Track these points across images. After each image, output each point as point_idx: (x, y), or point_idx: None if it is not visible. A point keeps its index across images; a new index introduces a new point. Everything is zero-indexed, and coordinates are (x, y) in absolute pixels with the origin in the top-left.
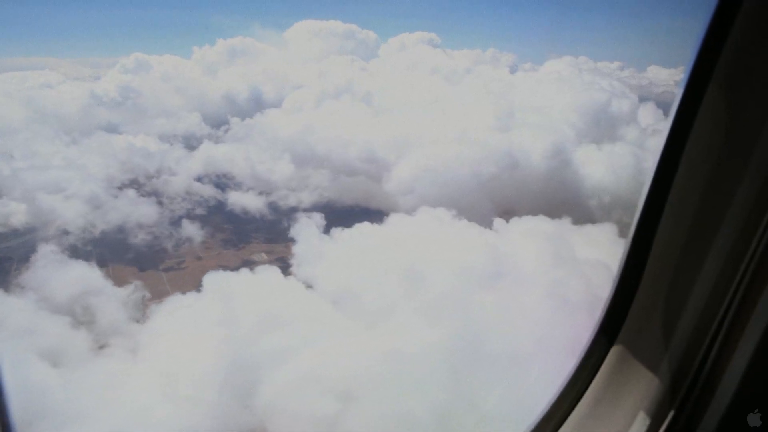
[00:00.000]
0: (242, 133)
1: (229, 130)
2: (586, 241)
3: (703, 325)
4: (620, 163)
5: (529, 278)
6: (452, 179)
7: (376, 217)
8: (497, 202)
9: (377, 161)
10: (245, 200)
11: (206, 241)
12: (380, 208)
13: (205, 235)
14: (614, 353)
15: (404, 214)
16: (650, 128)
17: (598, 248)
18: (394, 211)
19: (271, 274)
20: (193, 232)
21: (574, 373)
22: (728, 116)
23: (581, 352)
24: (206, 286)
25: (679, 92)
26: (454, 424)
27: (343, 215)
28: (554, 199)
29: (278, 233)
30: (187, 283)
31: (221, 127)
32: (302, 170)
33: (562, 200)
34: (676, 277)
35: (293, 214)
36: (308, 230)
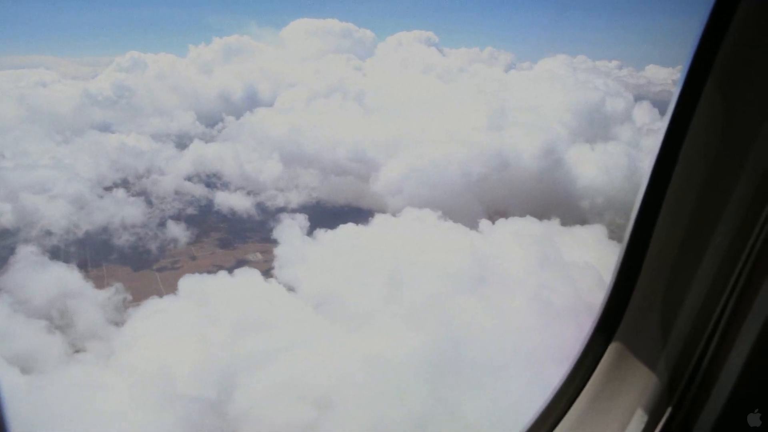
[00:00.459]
0: (236, 132)
1: (223, 129)
2: (574, 243)
3: (700, 322)
4: (613, 163)
5: (512, 282)
6: (441, 179)
7: (365, 217)
8: (487, 202)
9: (367, 161)
10: (238, 200)
11: (201, 240)
12: (370, 208)
13: (199, 234)
14: (612, 350)
15: (390, 215)
16: (645, 127)
17: (586, 250)
18: (382, 211)
19: (251, 277)
20: (187, 231)
21: (571, 370)
22: (726, 114)
23: (578, 349)
24: (183, 289)
25: (676, 90)
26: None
27: (332, 215)
28: (545, 199)
29: (272, 233)
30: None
31: (216, 125)
32: (292, 170)
33: (552, 201)
34: (673, 274)
35: (285, 213)
36: (291, 231)
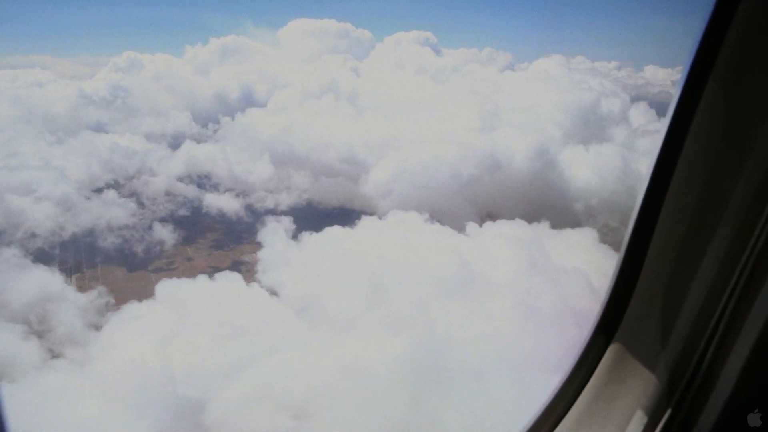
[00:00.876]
0: (230, 132)
1: (218, 129)
2: (563, 246)
3: (700, 323)
4: (608, 164)
5: (496, 287)
6: (432, 181)
7: (354, 219)
8: (478, 204)
9: (359, 162)
10: (231, 202)
11: (197, 241)
12: (361, 210)
13: (195, 236)
14: (612, 351)
15: (377, 217)
16: (641, 129)
17: (575, 254)
18: (372, 213)
19: (232, 281)
20: (183, 233)
21: (571, 371)
22: (726, 114)
23: (578, 350)
24: (160, 294)
25: (677, 90)
26: None
27: (321, 217)
28: (537, 202)
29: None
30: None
31: (211, 126)
32: (283, 171)
33: (545, 203)
34: (673, 275)
35: (270, 216)
36: (275, 235)
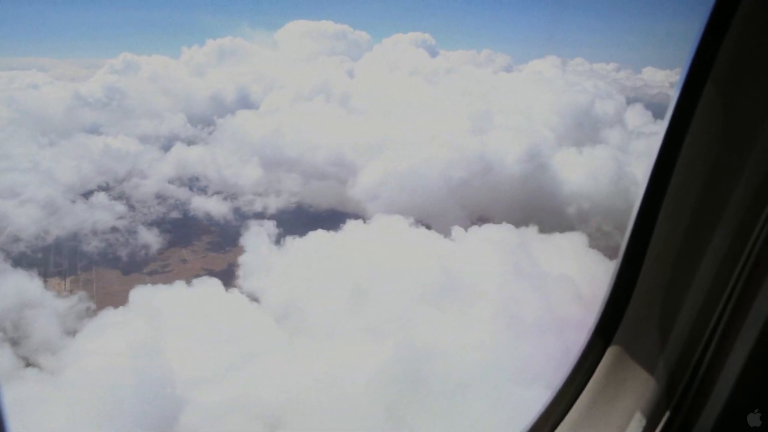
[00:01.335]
0: (224, 134)
1: (213, 131)
2: (550, 252)
3: (699, 325)
4: (601, 167)
5: (478, 294)
6: (421, 184)
7: (343, 223)
8: (468, 207)
9: (349, 165)
10: (226, 204)
11: (192, 243)
12: (351, 213)
13: (190, 238)
14: (610, 354)
15: (362, 221)
16: (637, 130)
17: (563, 260)
18: (361, 217)
19: (211, 287)
20: (177, 235)
21: (570, 374)
22: (725, 115)
23: (577, 353)
24: (134, 301)
25: (676, 91)
26: None
27: (311, 220)
28: (528, 205)
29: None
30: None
31: (206, 128)
32: (273, 173)
33: (536, 207)
34: (672, 277)
35: (268, 218)
36: (258, 239)
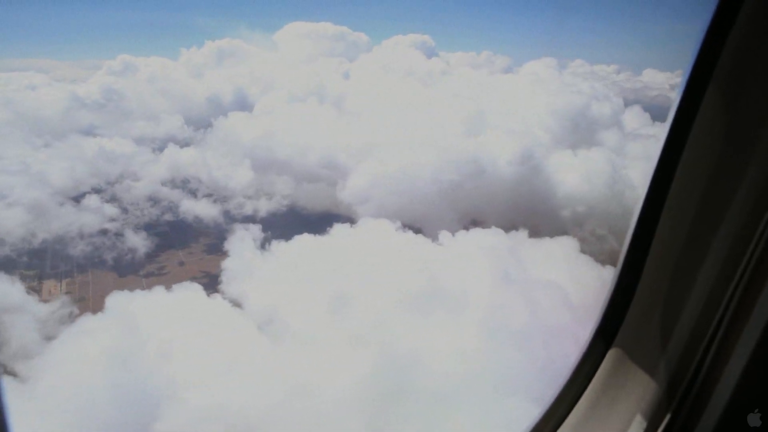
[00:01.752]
0: (219, 136)
1: (210, 133)
2: (540, 257)
3: (700, 328)
4: (597, 169)
5: (462, 300)
6: (412, 187)
7: (332, 226)
8: (459, 211)
9: (341, 167)
10: (219, 206)
11: (189, 246)
12: (347, 215)
13: (187, 240)
14: (611, 356)
15: (348, 224)
16: (634, 133)
17: (552, 266)
18: (352, 219)
19: (192, 292)
20: (174, 237)
21: (570, 376)
22: (728, 117)
23: (578, 355)
24: (111, 307)
25: (678, 93)
26: None
27: (303, 223)
28: (521, 208)
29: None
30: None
31: (202, 130)
32: (266, 175)
33: (529, 210)
34: (673, 279)
35: (263, 220)
36: (243, 243)
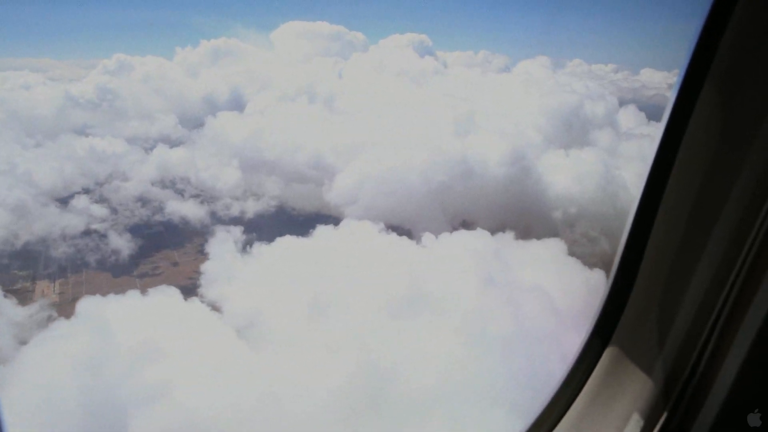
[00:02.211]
0: (210, 136)
1: (201, 132)
2: (525, 260)
3: (697, 326)
4: (589, 169)
5: (442, 305)
6: (400, 188)
7: (320, 226)
8: (448, 212)
9: (329, 168)
10: (209, 207)
11: (183, 246)
12: (337, 216)
13: (182, 240)
14: (608, 355)
15: (332, 226)
16: (628, 132)
17: (537, 269)
18: (342, 220)
19: (169, 296)
20: (169, 237)
21: (567, 375)
22: (723, 116)
23: (575, 354)
24: (82, 312)
25: (673, 93)
26: None
27: (291, 224)
28: (511, 210)
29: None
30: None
31: (196, 129)
32: (254, 176)
33: (520, 211)
34: (670, 278)
35: (251, 222)
36: (224, 246)
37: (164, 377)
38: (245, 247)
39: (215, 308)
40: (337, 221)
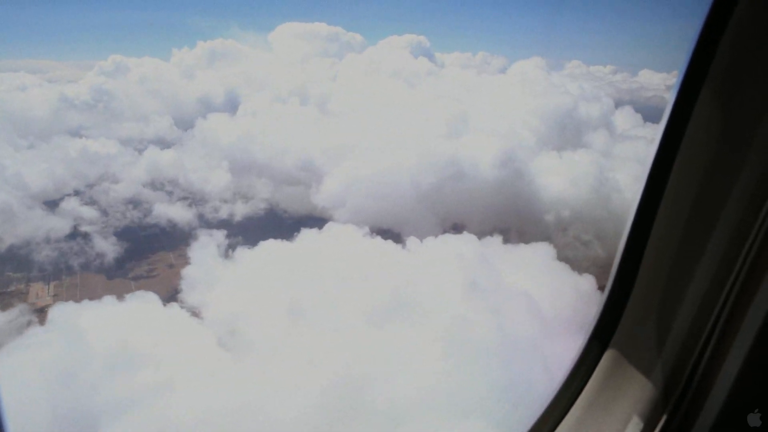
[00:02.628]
0: (200, 137)
1: (192, 134)
2: (512, 265)
3: (696, 328)
4: (583, 172)
5: (423, 313)
6: (391, 191)
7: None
8: (439, 215)
9: (321, 170)
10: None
11: (179, 247)
12: (329, 219)
13: (177, 242)
14: (608, 357)
15: (316, 229)
16: (624, 134)
17: (522, 274)
18: (326, 223)
19: (147, 302)
20: (165, 239)
21: (567, 377)
22: (722, 117)
23: (574, 357)
24: (54, 319)
25: (672, 94)
26: None
27: (280, 227)
28: (503, 213)
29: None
30: (157, 291)
31: (192, 130)
32: (244, 178)
33: (511, 214)
34: (669, 280)
35: (247, 223)
36: (206, 250)
37: (138, 385)
38: (227, 251)
39: (195, 314)
40: (324, 224)
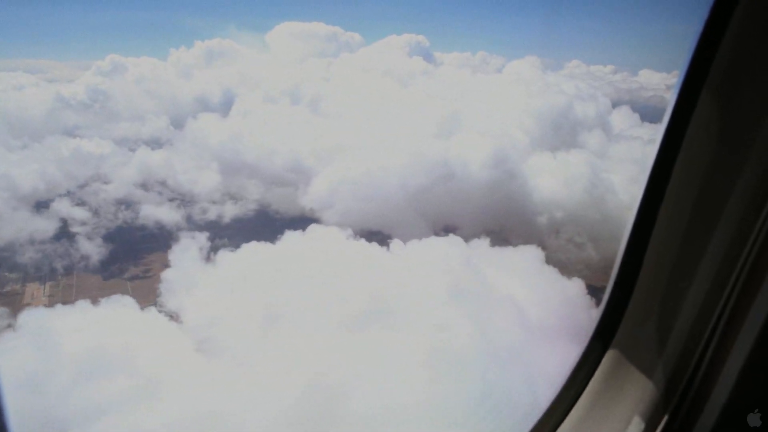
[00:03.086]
0: (191, 138)
1: (183, 135)
2: (498, 269)
3: (698, 328)
4: (577, 173)
5: (403, 319)
6: (381, 191)
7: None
8: (428, 217)
9: (310, 171)
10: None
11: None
12: (315, 220)
13: (174, 242)
14: (609, 358)
15: (300, 231)
16: (620, 134)
17: (508, 278)
18: (314, 224)
19: (123, 306)
20: (161, 239)
21: (569, 378)
22: (723, 117)
23: (576, 357)
24: (25, 324)
25: (673, 94)
26: None
27: (268, 228)
28: (494, 215)
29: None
30: (153, 292)
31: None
32: (234, 179)
33: (502, 216)
34: (671, 280)
35: (236, 224)
36: (187, 252)
37: (112, 391)
38: (209, 254)
39: (174, 318)
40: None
